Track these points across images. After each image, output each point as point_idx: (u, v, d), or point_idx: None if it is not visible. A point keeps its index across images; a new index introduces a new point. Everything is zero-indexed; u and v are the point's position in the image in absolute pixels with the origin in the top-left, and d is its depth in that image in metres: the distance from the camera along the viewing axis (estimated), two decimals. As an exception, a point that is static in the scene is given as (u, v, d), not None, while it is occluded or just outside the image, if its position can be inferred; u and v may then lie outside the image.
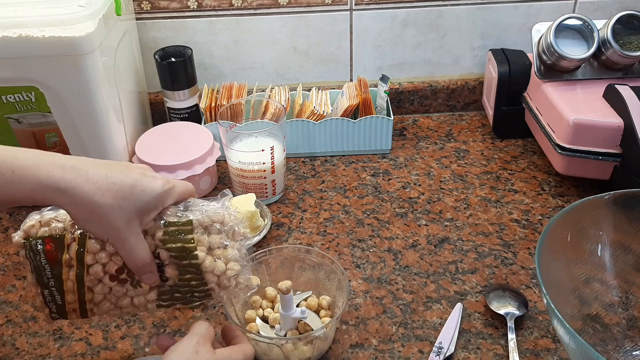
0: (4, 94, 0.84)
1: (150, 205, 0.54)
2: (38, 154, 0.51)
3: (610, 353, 0.66)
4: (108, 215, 0.51)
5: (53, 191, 0.50)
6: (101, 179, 0.51)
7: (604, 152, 0.85)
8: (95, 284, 0.56)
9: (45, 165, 0.50)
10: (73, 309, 0.57)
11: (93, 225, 0.52)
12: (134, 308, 0.58)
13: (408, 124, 1.12)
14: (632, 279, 0.69)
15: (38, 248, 0.55)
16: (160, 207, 0.55)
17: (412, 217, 0.89)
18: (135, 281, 0.56)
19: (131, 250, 0.53)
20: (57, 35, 0.79)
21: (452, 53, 1.11)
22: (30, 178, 0.49)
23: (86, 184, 0.50)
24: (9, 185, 0.49)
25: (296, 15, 1.05)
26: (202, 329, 0.56)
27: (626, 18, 0.89)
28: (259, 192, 0.91)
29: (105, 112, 0.87)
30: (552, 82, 0.94)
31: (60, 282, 0.56)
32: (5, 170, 0.49)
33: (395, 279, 0.79)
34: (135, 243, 0.53)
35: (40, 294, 0.57)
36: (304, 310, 0.68)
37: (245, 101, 0.96)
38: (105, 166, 0.53)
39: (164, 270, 0.56)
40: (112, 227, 0.52)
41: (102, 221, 0.52)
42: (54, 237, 0.55)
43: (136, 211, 0.53)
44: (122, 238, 0.53)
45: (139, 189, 0.53)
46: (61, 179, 0.50)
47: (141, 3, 1.03)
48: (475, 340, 0.70)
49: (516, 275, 0.79)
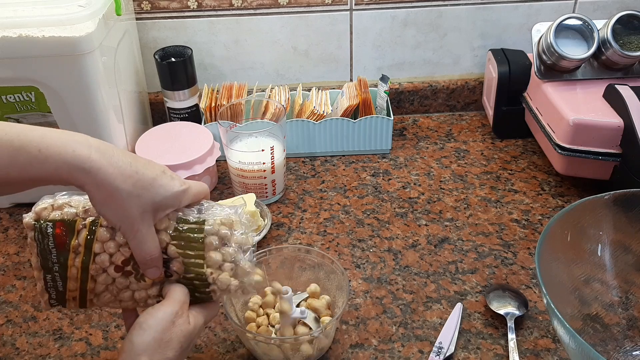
0: (4, 94, 0.84)
1: (166, 202, 0.54)
2: (65, 133, 0.51)
3: (610, 353, 0.66)
4: (126, 202, 0.51)
5: (78, 170, 0.50)
6: (125, 164, 0.52)
7: (604, 152, 0.85)
8: (99, 273, 0.56)
9: (72, 144, 0.50)
10: (73, 297, 0.57)
11: (110, 210, 0.52)
12: (134, 302, 0.58)
13: (408, 124, 1.12)
14: (632, 279, 0.69)
15: (48, 231, 0.55)
16: (176, 206, 0.56)
17: (412, 217, 0.89)
18: (140, 275, 0.56)
19: (141, 242, 0.53)
20: (57, 35, 0.79)
21: (452, 53, 1.11)
22: (56, 157, 0.49)
23: (110, 167, 0.51)
24: (35, 163, 0.49)
25: (296, 15, 1.05)
26: (181, 295, 0.55)
27: (626, 18, 0.89)
28: (259, 192, 0.91)
29: (105, 112, 0.87)
30: (552, 82, 0.94)
31: (65, 268, 0.56)
32: (32, 148, 0.49)
33: (395, 279, 0.79)
34: (146, 235, 0.53)
35: (43, 278, 0.57)
36: (304, 310, 0.68)
37: (245, 101, 0.96)
38: (129, 155, 0.53)
39: (169, 267, 0.56)
40: (127, 214, 0.52)
41: (119, 207, 0.52)
42: (65, 221, 0.55)
43: (152, 204, 0.53)
44: (135, 228, 0.53)
45: (159, 183, 0.53)
46: (87, 158, 0.50)
47: (141, 3, 1.03)
48: (475, 340, 0.70)
49: (516, 275, 0.79)
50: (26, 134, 0.50)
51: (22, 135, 0.50)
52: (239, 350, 0.70)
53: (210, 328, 0.73)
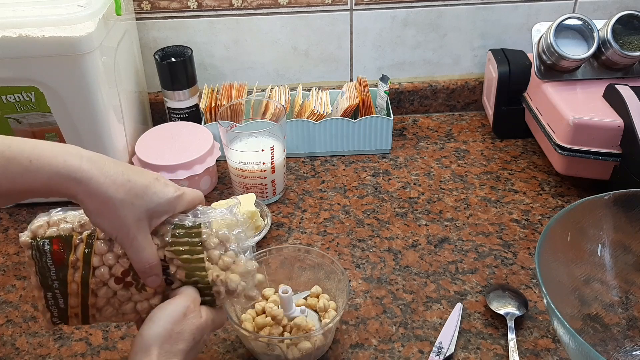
0: (4, 94, 0.84)
1: (161, 208, 0.54)
2: (56, 145, 0.51)
3: (610, 353, 0.66)
4: (119, 210, 0.51)
5: (69, 180, 0.50)
6: (117, 174, 0.52)
7: (604, 152, 0.85)
8: (100, 287, 0.56)
9: (63, 154, 0.50)
10: (75, 314, 0.57)
11: (104, 219, 0.52)
12: (137, 314, 0.58)
13: (408, 124, 1.12)
14: (632, 279, 0.69)
15: (45, 248, 0.55)
16: (171, 212, 0.56)
17: (412, 217, 0.89)
18: (140, 285, 0.56)
19: (139, 250, 0.53)
20: (57, 35, 0.79)
21: (452, 53, 1.11)
22: (47, 167, 0.49)
23: (102, 177, 0.51)
24: (27, 174, 0.49)
25: (296, 15, 1.05)
26: (192, 292, 0.55)
27: (626, 18, 0.89)
28: (259, 192, 0.91)
29: (105, 112, 0.87)
30: (552, 82, 0.94)
31: (65, 284, 0.55)
32: (23, 159, 0.49)
33: (395, 279, 0.79)
34: (143, 242, 0.53)
35: (43, 297, 0.56)
36: (304, 310, 0.68)
37: (245, 101, 0.96)
38: (121, 164, 0.53)
39: (169, 274, 0.56)
40: (122, 223, 0.52)
41: (113, 216, 0.52)
42: (61, 237, 0.55)
43: (147, 212, 0.53)
44: (131, 236, 0.53)
45: (152, 190, 0.53)
46: (78, 168, 0.50)
47: (141, 3, 1.03)
48: (475, 340, 0.70)
49: (516, 275, 0.79)
50: (17, 145, 0.50)
51: (14, 146, 0.50)
52: (239, 350, 0.70)
53: (210, 328, 0.73)
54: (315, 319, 0.70)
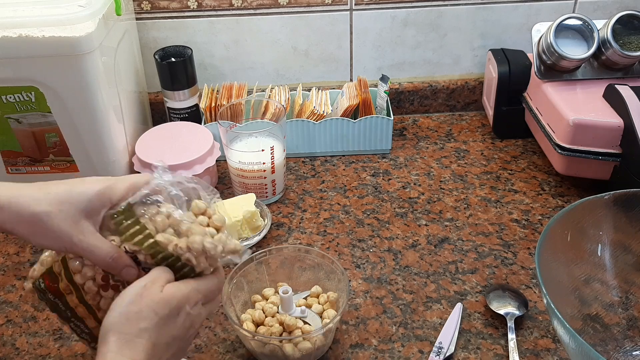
0: (4, 94, 0.84)
1: (94, 204, 0.53)
2: None
3: (610, 353, 0.66)
4: (50, 223, 0.51)
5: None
6: (34, 191, 0.52)
7: (604, 152, 0.85)
8: (97, 300, 0.55)
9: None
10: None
11: (43, 238, 0.52)
12: None
13: (408, 124, 1.12)
14: (632, 279, 0.69)
15: (42, 287, 0.55)
16: (108, 204, 0.54)
17: (412, 217, 0.89)
18: (126, 282, 0.54)
19: (93, 250, 0.52)
20: (57, 35, 0.79)
21: (452, 53, 1.11)
22: None
23: (21, 197, 0.51)
24: None
25: (296, 15, 1.05)
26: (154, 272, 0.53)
27: (626, 18, 0.89)
28: (259, 192, 0.91)
29: (105, 112, 0.87)
30: (552, 82, 0.94)
31: (73, 311, 0.56)
32: None
33: (395, 279, 0.79)
34: (93, 242, 0.52)
35: (70, 329, 0.57)
36: (304, 310, 0.68)
37: (245, 101, 0.96)
38: (39, 183, 0.53)
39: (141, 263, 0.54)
40: (60, 233, 0.51)
41: (48, 231, 0.51)
42: (47, 271, 0.55)
43: (82, 212, 0.52)
44: (77, 241, 0.51)
45: (76, 191, 0.52)
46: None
47: (141, 3, 1.03)
48: (475, 340, 0.70)
49: (516, 275, 0.79)
50: None
51: None
52: (239, 350, 0.70)
53: (210, 328, 0.73)
54: (316, 319, 0.70)
